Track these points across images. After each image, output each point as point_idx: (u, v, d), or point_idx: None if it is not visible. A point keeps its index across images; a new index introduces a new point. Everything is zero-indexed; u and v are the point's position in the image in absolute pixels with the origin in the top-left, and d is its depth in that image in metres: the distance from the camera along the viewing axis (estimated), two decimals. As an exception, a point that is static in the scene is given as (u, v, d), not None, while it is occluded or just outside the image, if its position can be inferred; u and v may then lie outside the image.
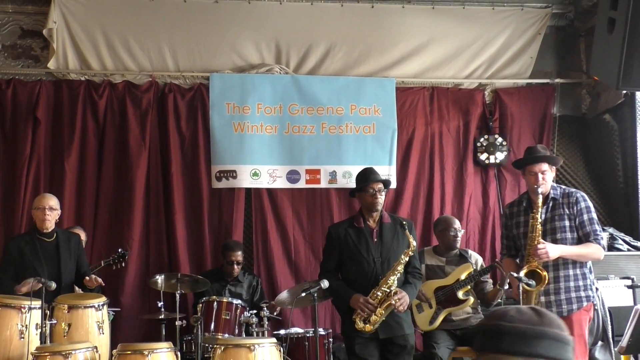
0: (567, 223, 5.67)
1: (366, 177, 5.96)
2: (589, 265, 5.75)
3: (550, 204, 5.73)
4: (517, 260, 5.87)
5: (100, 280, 6.38)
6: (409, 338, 5.81)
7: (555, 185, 5.82)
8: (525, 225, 5.73)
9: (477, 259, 7.02)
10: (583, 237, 5.66)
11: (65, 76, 7.97)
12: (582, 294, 5.63)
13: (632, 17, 4.41)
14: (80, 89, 7.91)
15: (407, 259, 5.80)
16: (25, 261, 6.32)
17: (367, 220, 5.95)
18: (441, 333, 6.63)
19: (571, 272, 5.65)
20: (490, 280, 7.00)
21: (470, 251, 7.18)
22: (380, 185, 5.91)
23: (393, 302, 5.64)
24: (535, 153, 5.81)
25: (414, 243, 5.83)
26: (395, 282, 5.73)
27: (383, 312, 5.66)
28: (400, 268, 5.77)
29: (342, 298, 5.85)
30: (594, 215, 5.71)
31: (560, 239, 5.64)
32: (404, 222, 5.88)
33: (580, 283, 5.64)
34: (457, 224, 7.07)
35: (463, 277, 6.72)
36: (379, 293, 5.68)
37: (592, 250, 5.64)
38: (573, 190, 5.86)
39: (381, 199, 5.92)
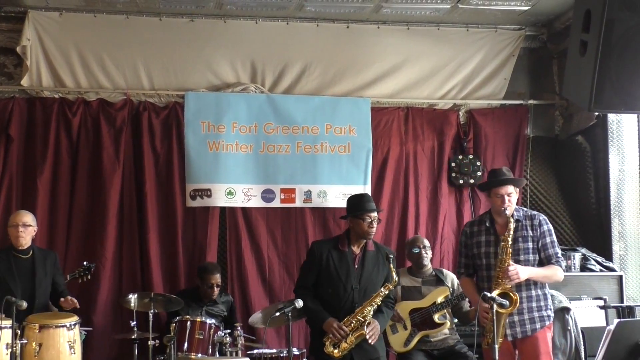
0: (530, 245, 5.81)
1: (363, 205, 5.97)
2: (547, 286, 5.91)
3: (514, 226, 5.78)
4: (474, 279, 5.97)
5: (75, 302, 6.35)
6: None
7: (517, 207, 5.93)
8: (487, 245, 5.84)
9: (452, 279, 7.01)
10: (545, 259, 5.81)
11: (39, 94, 7.91)
12: (544, 313, 5.79)
13: (604, 40, 4.45)
14: (54, 107, 7.85)
15: (387, 292, 5.82)
16: (0, 279, 6.27)
17: (352, 244, 5.95)
18: (417, 353, 6.62)
19: (533, 292, 5.79)
20: (467, 299, 7.00)
21: (445, 271, 7.18)
22: (376, 215, 5.93)
23: (365, 332, 5.66)
24: (501, 175, 5.89)
25: (395, 278, 5.87)
26: (371, 313, 5.76)
27: (354, 340, 5.68)
28: (379, 300, 5.81)
29: (316, 320, 5.84)
30: (555, 238, 5.89)
31: (523, 260, 5.76)
32: (390, 255, 5.91)
33: (542, 303, 5.80)
34: (421, 241, 7.09)
35: (439, 300, 6.71)
36: (353, 321, 5.71)
37: (555, 272, 5.80)
38: (535, 212, 6.02)
39: (375, 228, 5.95)
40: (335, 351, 5.66)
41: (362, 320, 5.71)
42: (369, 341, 5.68)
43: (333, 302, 5.80)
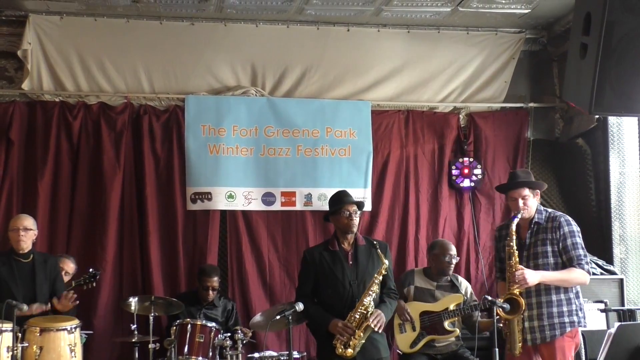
0: (549, 248, 5.65)
1: (340, 199, 5.97)
2: (575, 290, 5.71)
3: (534, 229, 5.71)
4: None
5: (73, 297, 6.32)
6: None
7: (541, 209, 5.80)
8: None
9: (466, 287, 6.97)
10: (567, 262, 5.63)
11: (40, 97, 7.91)
12: (566, 319, 5.61)
13: (604, 42, 4.45)
14: (55, 110, 7.85)
15: (380, 277, 5.80)
16: (1, 282, 6.27)
17: (341, 243, 5.95)
18: (421, 357, 6.60)
19: (554, 297, 5.63)
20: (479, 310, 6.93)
21: (460, 278, 7.12)
22: (355, 207, 5.93)
23: (370, 323, 5.64)
24: (516, 178, 5.80)
25: (386, 262, 5.84)
26: (372, 302, 5.74)
27: (362, 334, 5.66)
28: (375, 288, 5.78)
29: (320, 324, 5.83)
30: (578, 240, 5.67)
31: (542, 264, 5.63)
32: (375, 242, 5.91)
33: (565, 309, 5.62)
34: (453, 250, 7.01)
35: (452, 307, 6.65)
36: (356, 315, 5.69)
37: (575, 276, 5.60)
38: (558, 214, 5.82)
39: (356, 220, 5.93)
40: (348, 350, 5.64)
41: (365, 312, 5.70)
42: (376, 330, 5.67)
43: (335, 302, 5.79)
